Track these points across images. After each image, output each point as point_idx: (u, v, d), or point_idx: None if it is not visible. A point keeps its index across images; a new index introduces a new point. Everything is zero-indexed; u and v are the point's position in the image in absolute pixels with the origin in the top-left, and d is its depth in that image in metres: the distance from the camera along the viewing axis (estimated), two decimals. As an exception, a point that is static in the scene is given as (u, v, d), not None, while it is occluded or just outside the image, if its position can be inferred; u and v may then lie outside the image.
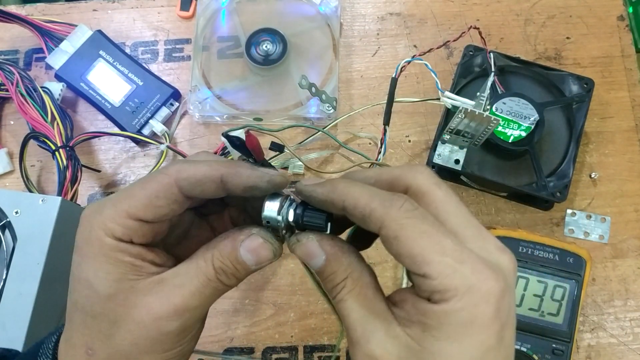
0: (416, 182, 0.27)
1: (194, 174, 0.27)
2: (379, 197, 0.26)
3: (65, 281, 0.51)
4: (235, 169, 0.28)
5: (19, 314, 0.46)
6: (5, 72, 0.56)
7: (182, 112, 0.60)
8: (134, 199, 0.27)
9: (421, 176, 0.27)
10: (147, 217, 0.27)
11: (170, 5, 0.64)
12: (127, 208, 0.27)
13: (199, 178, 0.27)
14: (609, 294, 0.53)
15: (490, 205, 0.56)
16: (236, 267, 0.28)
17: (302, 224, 0.28)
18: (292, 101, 0.58)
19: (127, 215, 0.27)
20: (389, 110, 0.50)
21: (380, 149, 0.52)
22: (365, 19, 0.63)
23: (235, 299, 0.54)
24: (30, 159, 0.59)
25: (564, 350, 0.48)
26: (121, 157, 0.59)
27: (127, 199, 0.27)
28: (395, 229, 0.25)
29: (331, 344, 0.53)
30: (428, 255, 0.24)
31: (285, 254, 0.55)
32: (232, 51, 0.60)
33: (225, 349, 0.53)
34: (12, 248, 0.47)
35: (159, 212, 0.27)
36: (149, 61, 0.62)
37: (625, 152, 0.56)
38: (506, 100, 0.51)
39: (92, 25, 0.62)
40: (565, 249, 0.49)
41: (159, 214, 0.27)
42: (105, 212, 0.27)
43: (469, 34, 0.53)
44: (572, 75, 0.53)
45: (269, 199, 0.29)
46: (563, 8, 0.61)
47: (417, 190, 0.27)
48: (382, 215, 0.25)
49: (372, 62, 0.61)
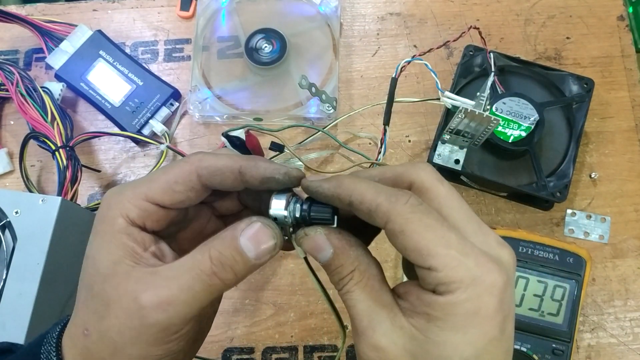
0: (419, 179, 0.28)
1: (215, 163, 0.28)
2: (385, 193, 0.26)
3: (65, 281, 0.51)
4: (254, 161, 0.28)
5: (19, 313, 0.46)
6: (5, 72, 0.56)
7: (182, 112, 0.60)
8: (154, 182, 0.28)
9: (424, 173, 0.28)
10: (164, 202, 0.28)
11: (170, 5, 0.64)
12: (146, 190, 0.28)
13: (219, 167, 0.28)
14: (608, 294, 0.53)
15: (490, 205, 0.56)
16: (235, 258, 0.27)
17: (309, 219, 0.29)
18: (292, 101, 0.58)
19: (145, 198, 0.28)
20: (389, 110, 0.50)
21: (380, 149, 0.52)
22: (365, 19, 0.63)
23: (235, 299, 0.54)
24: (30, 159, 0.59)
25: (564, 350, 0.48)
26: (121, 157, 0.59)
27: (147, 182, 0.28)
28: (401, 223, 0.25)
29: (331, 343, 0.53)
30: (433, 249, 0.25)
31: (285, 254, 0.55)
32: (232, 51, 0.60)
33: (225, 349, 0.53)
34: (12, 248, 0.47)
35: (176, 198, 0.28)
36: (149, 61, 0.62)
37: (625, 152, 0.56)
38: (506, 100, 0.51)
39: (92, 25, 0.62)
40: (565, 249, 0.49)
41: (176, 199, 0.28)
42: (125, 193, 0.28)
43: (469, 34, 0.53)
44: (572, 75, 0.53)
45: (276, 196, 0.29)
46: (563, 8, 0.61)
47: (421, 186, 0.28)
48: (388, 210, 0.26)
49: (372, 62, 0.61)
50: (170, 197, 0.28)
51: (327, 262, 0.28)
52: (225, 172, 0.28)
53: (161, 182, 0.28)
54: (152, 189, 0.28)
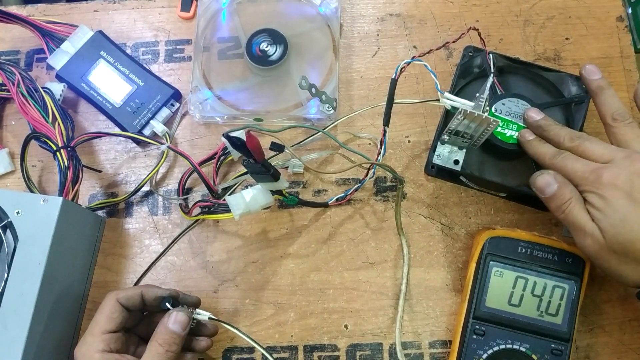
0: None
1: (126, 293, 0.47)
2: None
3: (65, 281, 0.51)
4: (150, 286, 0.49)
5: (20, 313, 0.46)
6: (7, 73, 0.56)
7: (183, 112, 0.60)
8: (100, 322, 0.46)
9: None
10: (112, 328, 0.46)
11: (171, 6, 0.64)
12: (99, 329, 0.45)
13: (129, 295, 0.47)
14: (608, 294, 0.53)
15: (489, 205, 0.56)
16: (172, 337, 0.45)
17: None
18: (292, 102, 0.58)
19: (101, 333, 0.45)
20: (388, 111, 0.50)
21: (380, 150, 0.52)
22: (365, 19, 0.63)
23: (236, 299, 0.54)
24: (31, 159, 0.59)
25: (563, 350, 0.48)
26: (122, 157, 0.60)
27: (96, 325, 0.46)
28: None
29: (331, 343, 0.53)
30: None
31: (285, 254, 0.55)
32: (233, 52, 0.60)
33: (226, 349, 0.53)
34: (14, 248, 0.47)
35: (117, 321, 0.46)
36: (150, 62, 0.63)
37: (624, 153, 0.56)
38: (505, 101, 0.51)
39: (93, 26, 0.62)
40: (564, 249, 0.50)
41: (118, 322, 0.46)
42: (88, 339, 0.45)
43: (469, 34, 0.53)
44: (571, 76, 0.53)
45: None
46: (562, 9, 0.61)
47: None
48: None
49: (372, 63, 0.61)
50: (114, 323, 0.46)
51: (553, 193, 0.44)
52: (133, 296, 0.47)
53: (103, 319, 0.46)
54: (102, 326, 0.45)
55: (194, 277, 0.55)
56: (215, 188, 0.55)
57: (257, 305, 0.54)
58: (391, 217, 0.56)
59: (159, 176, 0.59)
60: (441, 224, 0.56)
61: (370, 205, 0.57)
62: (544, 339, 0.48)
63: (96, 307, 0.47)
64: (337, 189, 0.57)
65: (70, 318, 0.53)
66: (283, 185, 0.49)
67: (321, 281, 0.55)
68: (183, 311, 0.46)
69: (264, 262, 0.55)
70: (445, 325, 0.53)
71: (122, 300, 0.47)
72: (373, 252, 0.55)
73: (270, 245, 0.56)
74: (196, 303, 0.51)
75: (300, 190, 0.57)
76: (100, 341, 0.45)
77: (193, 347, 0.50)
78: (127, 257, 0.56)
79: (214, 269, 0.56)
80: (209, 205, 0.53)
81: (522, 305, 0.49)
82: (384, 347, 0.53)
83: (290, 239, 0.56)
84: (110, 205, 0.58)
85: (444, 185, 0.57)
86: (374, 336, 0.53)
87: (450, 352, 0.50)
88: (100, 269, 0.56)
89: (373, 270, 0.55)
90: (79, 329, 0.54)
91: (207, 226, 0.57)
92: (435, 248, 0.55)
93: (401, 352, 0.50)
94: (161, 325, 0.46)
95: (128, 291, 0.47)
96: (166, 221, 0.57)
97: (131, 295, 0.47)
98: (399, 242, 0.55)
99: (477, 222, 0.55)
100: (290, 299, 0.54)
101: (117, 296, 0.47)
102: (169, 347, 0.45)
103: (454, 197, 0.56)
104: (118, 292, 0.47)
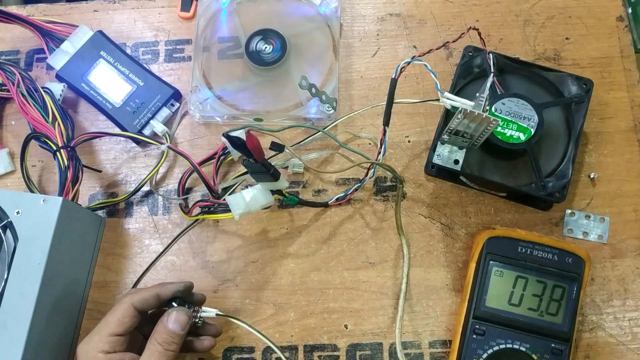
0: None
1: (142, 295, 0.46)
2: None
3: (65, 281, 0.51)
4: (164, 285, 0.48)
5: (21, 313, 0.46)
6: (7, 73, 0.56)
7: (183, 112, 0.60)
8: (109, 324, 0.45)
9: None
10: (120, 332, 0.45)
11: (171, 6, 0.64)
12: (107, 331, 0.45)
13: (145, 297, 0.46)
14: (607, 294, 0.53)
15: (489, 205, 0.56)
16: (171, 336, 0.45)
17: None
18: (292, 102, 0.58)
19: (108, 334, 0.45)
20: (388, 110, 0.50)
21: (380, 149, 0.52)
22: (365, 19, 0.63)
23: (236, 299, 0.54)
24: (31, 159, 0.59)
25: (563, 349, 0.48)
26: (122, 157, 0.60)
27: (105, 325, 0.45)
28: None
29: (331, 343, 0.53)
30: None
31: (285, 254, 0.55)
32: (233, 52, 0.60)
33: (226, 348, 0.53)
34: (14, 248, 0.47)
35: (126, 325, 0.45)
36: (150, 62, 0.63)
37: (624, 153, 0.56)
38: (505, 100, 0.51)
39: (93, 26, 0.62)
40: (564, 249, 0.50)
41: (127, 326, 0.45)
42: (94, 338, 0.45)
43: (469, 34, 0.53)
44: (571, 75, 0.53)
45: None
46: (562, 9, 0.61)
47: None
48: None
49: (372, 63, 0.61)
50: (123, 328, 0.45)
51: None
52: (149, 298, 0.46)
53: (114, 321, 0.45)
54: (110, 328, 0.45)
55: (194, 277, 0.55)
56: (215, 188, 0.55)
57: (257, 305, 0.54)
58: (391, 217, 0.56)
59: (159, 176, 0.59)
60: (441, 224, 0.56)
61: (370, 205, 0.57)
62: (544, 339, 0.48)
63: (96, 307, 0.47)
64: (337, 189, 0.57)
65: (70, 318, 0.53)
66: (283, 185, 0.49)
67: (321, 281, 0.55)
68: (183, 310, 0.46)
69: (264, 262, 0.55)
70: (445, 325, 0.53)
71: (137, 304, 0.46)
72: (373, 251, 0.55)
73: (270, 245, 0.56)
74: (201, 301, 0.51)
75: (300, 190, 0.57)
76: (106, 342, 0.44)
77: (196, 346, 0.50)
78: (127, 257, 0.56)
79: (214, 268, 0.56)
80: (209, 205, 0.53)
81: (522, 305, 0.49)
82: (384, 346, 0.53)
83: (290, 238, 0.56)
84: (110, 205, 0.58)
85: (444, 185, 0.57)
86: (374, 336, 0.53)
87: (450, 352, 0.50)
88: (100, 269, 0.56)
89: (373, 270, 0.55)
90: (79, 329, 0.54)
91: (207, 226, 0.57)
92: (435, 248, 0.55)
93: (401, 352, 0.50)
94: (160, 325, 0.46)
95: (143, 293, 0.47)
96: (166, 221, 0.57)
97: (147, 297, 0.46)
98: (399, 241, 0.55)
99: (477, 222, 0.55)
100: (290, 298, 0.54)
101: (132, 300, 0.46)
102: (168, 346, 0.45)
103: (454, 197, 0.56)
104: (133, 296, 0.46)
